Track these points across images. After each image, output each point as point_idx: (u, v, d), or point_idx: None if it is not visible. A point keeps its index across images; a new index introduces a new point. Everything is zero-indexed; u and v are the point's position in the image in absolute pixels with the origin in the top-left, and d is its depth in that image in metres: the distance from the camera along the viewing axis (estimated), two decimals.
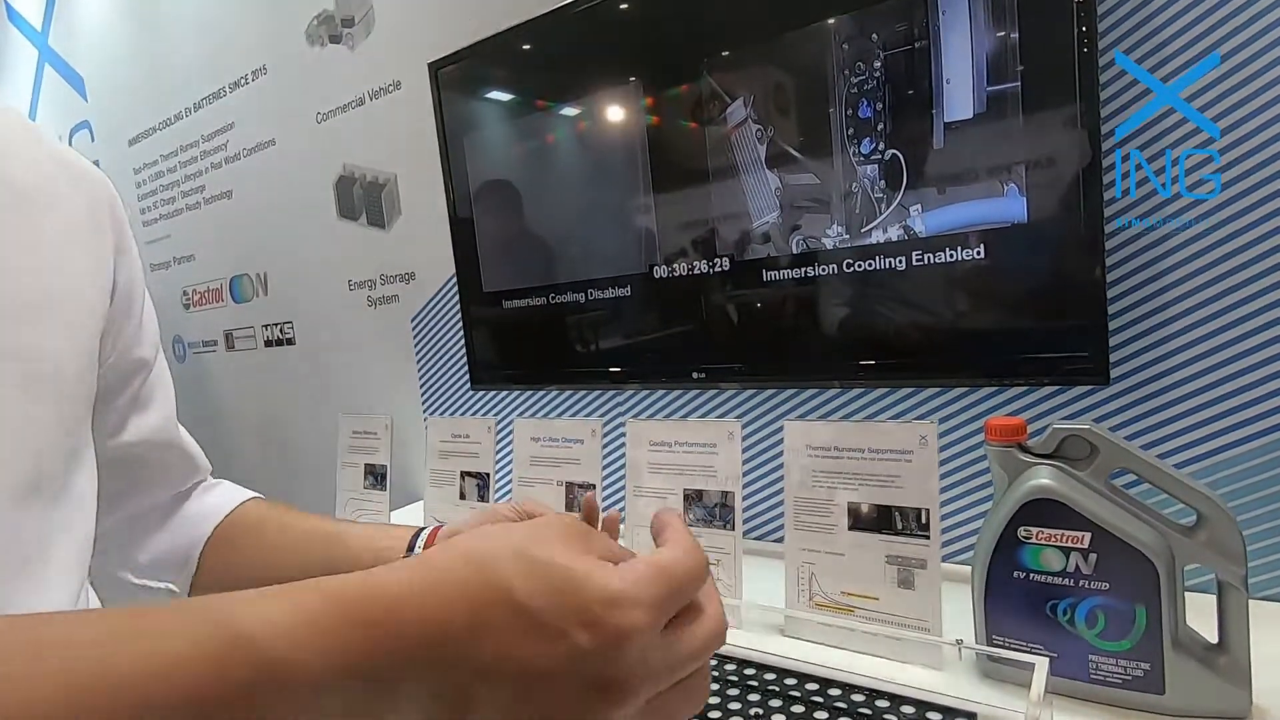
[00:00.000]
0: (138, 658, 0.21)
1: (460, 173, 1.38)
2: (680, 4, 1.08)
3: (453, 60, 1.33)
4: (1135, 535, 0.63)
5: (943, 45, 0.86)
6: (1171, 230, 0.82)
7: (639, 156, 1.15)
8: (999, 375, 0.89)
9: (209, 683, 0.22)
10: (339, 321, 1.84)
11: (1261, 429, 0.79)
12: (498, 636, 0.26)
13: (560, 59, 1.23)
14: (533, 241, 1.32)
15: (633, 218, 1.16)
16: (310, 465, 2.02)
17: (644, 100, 1.13)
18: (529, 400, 1.47)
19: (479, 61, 1.31)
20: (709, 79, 1.05)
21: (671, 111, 1.11)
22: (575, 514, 0.44)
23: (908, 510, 0.77)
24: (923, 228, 0.90)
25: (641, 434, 0.99)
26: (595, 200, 1.22)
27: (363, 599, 0.25)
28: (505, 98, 1.32)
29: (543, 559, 0.28)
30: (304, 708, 0.23)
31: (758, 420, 1.17)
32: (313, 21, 1.72)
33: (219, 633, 0.23)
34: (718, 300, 1.09)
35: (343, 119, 1.72)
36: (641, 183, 1.14)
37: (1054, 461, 0.68)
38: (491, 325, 1.39)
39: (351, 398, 1.84)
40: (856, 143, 0.94)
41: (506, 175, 1.33)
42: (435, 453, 1.25)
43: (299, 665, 0.23)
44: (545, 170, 1.28)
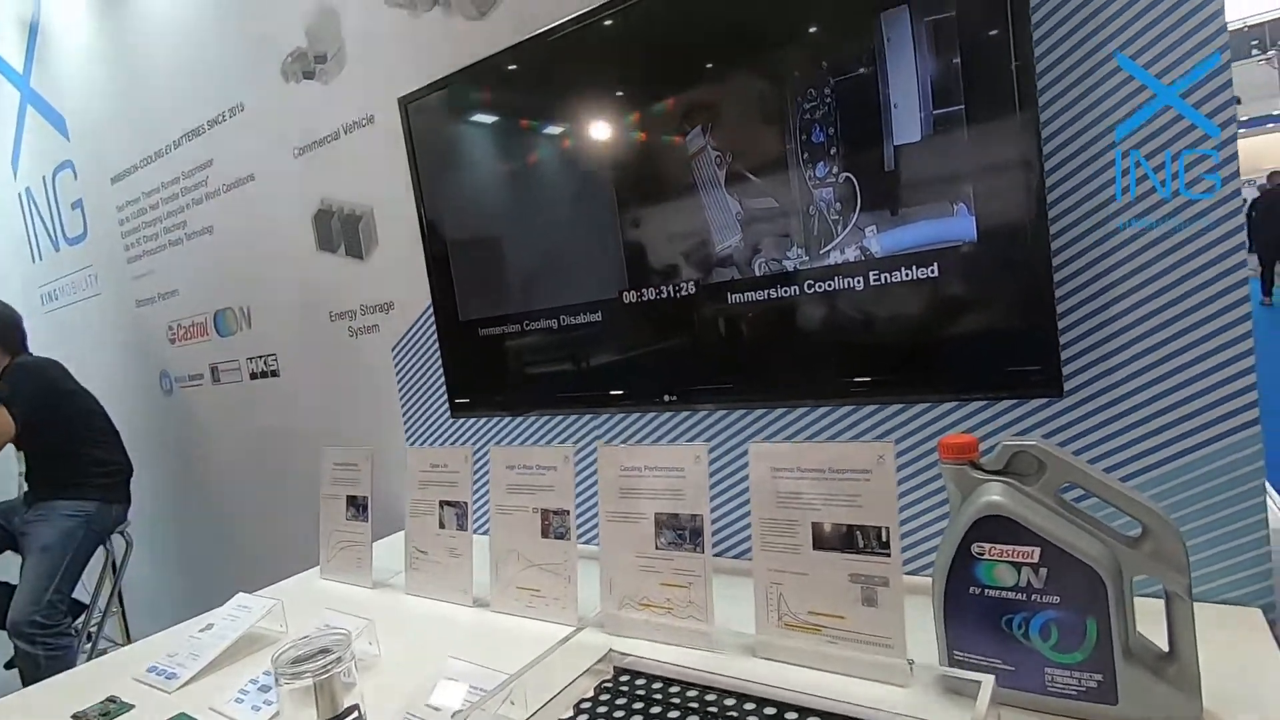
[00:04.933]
0: None
1: (433, 204, 1.40)
2: (638, 37, 1.10)
3: (421, 95, 1.36)
4: (1083, 549, 0.64)
5: (889, 71, 0.89)
6: (1120, 243, 0.84)
7: (606, 185, 1.17)
8: (956, 391, 0.91)
9: None
10: (321, 352, 1.86)
11: (1208, 437, 0.81)
12: None
13: (526, 92, 1.26)
14: (506, 270, 1.33)
15: (602, 245, 1.18)
16: (298, 496, 2.02)
17: (609, 130, 1.15)
18: (510, 426, 1.48)
19: (447, 95, 1.34)
20: (669, 108, 1.08)
21: (635, 140, 1.13)
22: None
23: (869, 529, 0.78)
24: (878, 248, 0.92)
25: (612, 459, 1.00)
26: (566, 228, 1.24)
27: None
28: (474, 130, 1.34)
29: None
30: None
31: (732, 439, 1.18)
32: (287, 58, 1.75)
33: None
34: (686, 323, 1.11)
35: (319, 153, 1.74)
36: (609, 210, 1.16)
37: (1004, 478, 0.69)
38: (468, 353, 1.40)
39: (336, 427, 1.85)
40: (811, 166, 0.96)
41: (478, 205, 1.35)
42: (415, 482, 1.26)
43: None
44: (516, 199, 1.30)
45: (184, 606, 1.69)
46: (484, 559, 1.13)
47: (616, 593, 0.98)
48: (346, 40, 1.62)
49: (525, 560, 1.09)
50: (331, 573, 1.40)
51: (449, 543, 1.20)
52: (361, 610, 1.05)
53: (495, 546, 1.13)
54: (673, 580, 0.93)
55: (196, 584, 2.51)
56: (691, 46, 1.05)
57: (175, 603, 2.59)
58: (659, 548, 0.95)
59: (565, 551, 1.05)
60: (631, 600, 0.97)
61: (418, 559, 1.25)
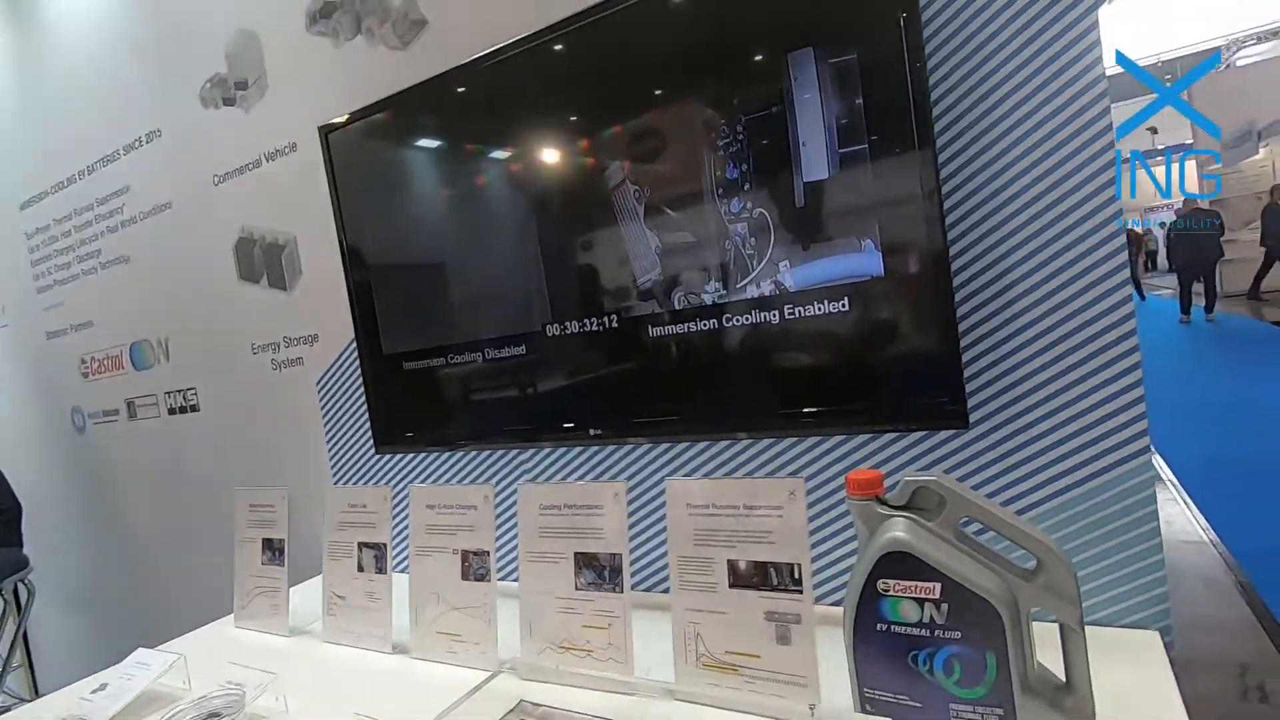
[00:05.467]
0: None
1: (355, 234, 1.36)
2: (558, 72, 1.10)
3: (342, 124, 1.33)
4: (981, 584, 0.65)
5: (797, 110, 0.90)
6: (1019, 277, 0.87)
7: (528, 217, 1.16)
8: (868, 424, 0.92)
9: None
10: (244, 386, 1.78)
11: (1103, 465, 0.83)
12: None
13: (448, 124, 1.24)
14: (429, 302, 1.31)
15: (525, 277, 1.17)
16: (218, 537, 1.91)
17: (530, 163, 1.14)
18: (441, 462, 1.44)
19: (368, 125, 1.31)
20: (588, 142, 1.08)
21: (556, 173, 1.13)
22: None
23: (782, 566, 0.78)
24: (792, 283, 0.93)
25: (532, 498, 0.98)
26: (489, 260, 1.22)
27: None
28: (396, 161, 1.32)
29: None
30: None
31: (659, 473, 1.17)
32: (206, 84, 1.70)
33: None
34: (609, 357, 1.10)
35: (240, 181, 1.68)
36: (531, 243, 1.15)
37: (907, 513, 0.70)
38: (392, 387, 1.36)
39: (259, 464, 1.78)
40: (726, 202, 0.97)
41: (400, 237, 1.32)
42: (333, 524, 1.21)
43: None
44: (438, 231, 1.28)
45: (99, 657, 1.58)
46: (405, 602, 1.09)
47: (536, 635, 0.95)
48: (268, 67, 1.58)
49: (445, 603, 1.05)
50: (246, 620, 1.33)
51: (368, 586, 1.16)
52: (275, 661, 0.99)
53: (415, 589, 1.09)
54: (593, 621, 0.91)
55: (110, 632, 2.36)
56: (609, 82, 1.06)
57: (89, 653, 2.42)
58: (579, 588, 0.93)
59: (485, 594, 1.01)
60: (552, 643, 0.94)
61: (335, 604, 1.19)
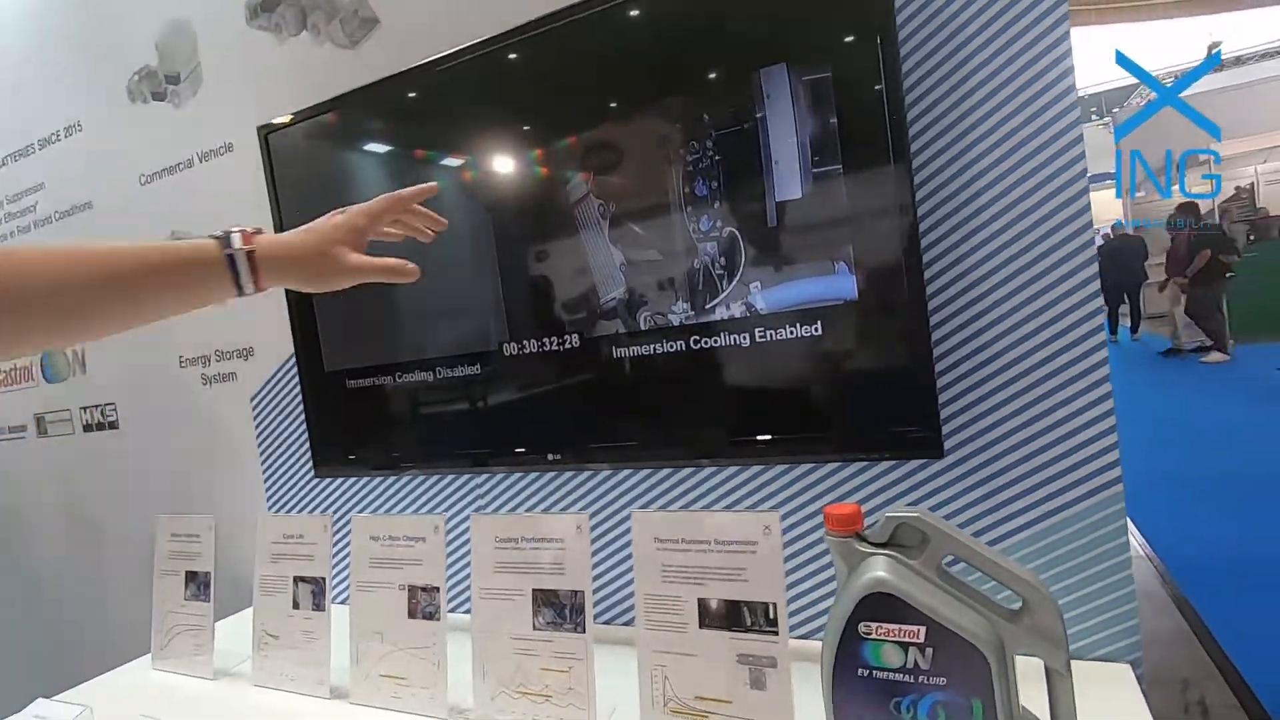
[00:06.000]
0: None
1: None
2: (518, 78, 1.05)
3: (284, 124, 1.24)
4: (967, 627, 0.62)
5: (769, 127, 0.88)
6: (993, 303, 0.86)
7: (485, 229, 1.10)
8: (841, 451, 0.89)
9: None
10: (170, 402, 1.65)
11: (1075, 495, 0.83)
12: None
13: (400, 128, 1.17)
14: (377, 316, 1.23)
15: (481, 292, 1.11)
16: (132, 568, 1.76)
17: (488, 172, 1.09)
18: (385, 488, 1.35)
19: (313, 126, 1.23)
20: (550, 152, 1.03)
21: (515, 184, 1.07)
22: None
23: (756, 605, 0.74)
24: (763, 305, 0.90)
25: (487, 530, 0.91)
26: (442, 275, 1.15)
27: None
28: (342, 165, 1.24)
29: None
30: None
31: (621, 499, 1.12)
32: (134, 76, 1.58)
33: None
34: (570, 379, 1.05)
35: (170, 182, 1.57)
36: (488, 257, 1.09)
37: (889, 551, 0.66)
38: (334, 407, 1.27)
39: (185, 488, 1.64)
40: (695, 219, 0.93)
41: None
42: (266, 555, 1.12)
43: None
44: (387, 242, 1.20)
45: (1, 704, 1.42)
46: (345, 641, 1.00)
47: (490, 679, 0.88)
48: (203, 60, 1.48)
49: (389, 644, 0.98)
50: (165, 661, 1.21)
51: (303, 624, 1.06)
52: (198, 708, 0.90)
53: (356, 628, 1.00)
54: (552, 664, 0.85)
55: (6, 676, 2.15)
56: (574, 92, 1.01)
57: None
58: (537, 628, 0.86)
59: (434, 633, 0.94)
60: (507, 687, 0.87)
61: (267, 643, 1.10)
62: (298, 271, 0.67)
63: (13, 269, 0.53)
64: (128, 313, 0.60)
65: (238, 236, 0.63)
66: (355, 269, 0.70)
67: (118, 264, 0.57)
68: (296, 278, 0.68)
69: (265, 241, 0.64)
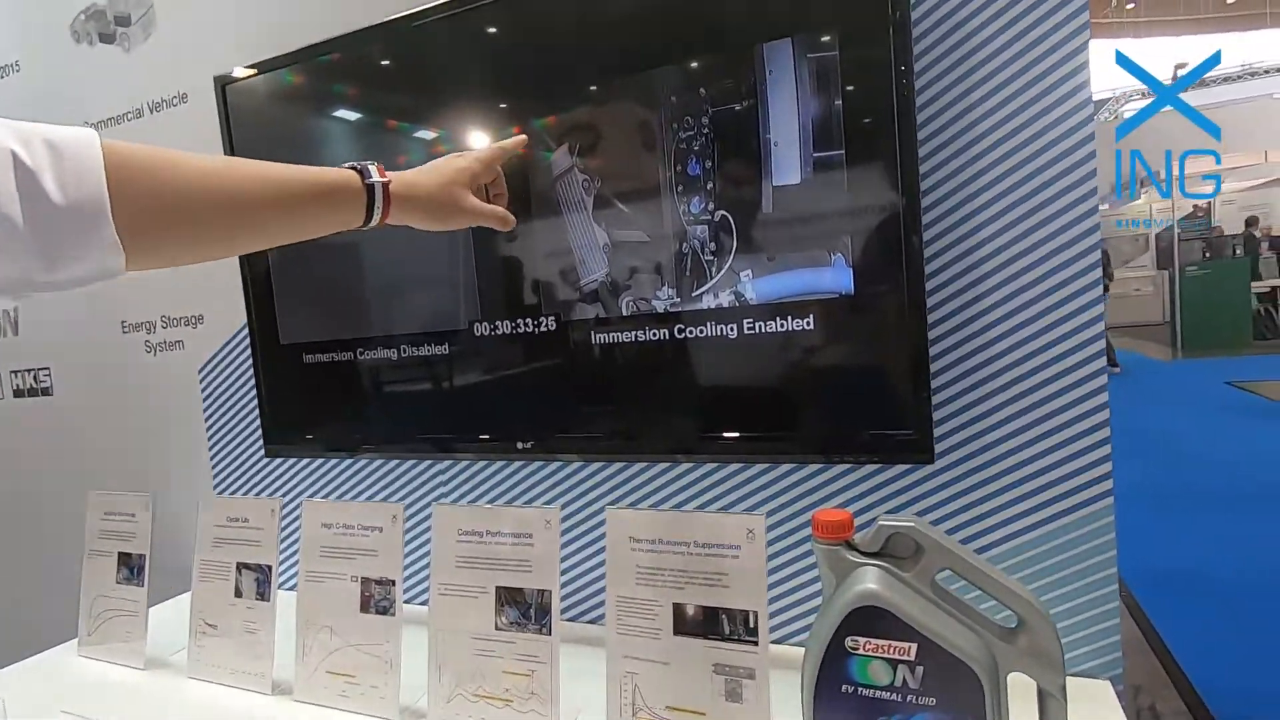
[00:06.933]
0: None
1: None
2: (503, 38, 0.98)
3: (244, 76, 1.15)
4: (960, 646, 0.58)
5: (770, 106, 0.82)
6: (991, 304, 0.82)
7: None
8: (829, 452, 0.86)
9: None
10: (110, 370, 1.54)
11: (1066, 507, 0.80)
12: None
13: (372, 86, 1.09)
14: (339, 288, 1.15)
15: (452, 267, 1.04)
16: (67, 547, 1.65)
17: (465, 137, 1.01)
18: (340, 471, 1.27)
19: (277, 80, 1.14)
20: (533, 120, 0.96)
21: None
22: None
23: (735, 613, 0.70)
24: (753, 295, 0.86)
25: (449, 522, 0.86)
26: (410, 247, 1.08)
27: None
28: (308, 124, 1.15)
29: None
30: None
31: (594, 491, 1.07)
32: (79, 15, 1.45)
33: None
34: (544, 363, 0.99)
35: (117, 132, 1.45)
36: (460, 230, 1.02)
37: (880, 562, 0.62)
38: (289, 382, 1.19)
39: (121, 463, 1.54)
40: (686, 201, 0.88)
41: None
42: (207, 540, 1.04)
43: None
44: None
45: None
46: (290, 634, 0.94)
47: (446, 680, 0.83)
48: (157, 2, 1.36)
49: (339, 638, 0.91)
50: (93, 648, 1.13)
51: (246, 615, 0.99)
52: (126, 701, 0.83)
53: (303, 621, 0.94)
54: (514, 667, 0.80)
55: None
56: (563, 56, 0.95)
57: None
58: (499, 627, 0.81)
59: (388, 629, 0.88)
60: (465, 689, 0.82)
61: (205, 633, 1.02)
62: (422, 208, 0.69)
63: (196, 178, 0.52)
64: (281, 232, 0.60)
65: (374, 168, 0.64)
66: (473, 211, 0.73)
67: (285, 182, 0.57)
68: (419, 214, 0.69)
69: (397, 177, 0.66)
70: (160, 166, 0.50)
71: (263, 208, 0.56)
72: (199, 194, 0.52)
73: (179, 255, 0.55)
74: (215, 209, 0.53)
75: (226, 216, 0.54)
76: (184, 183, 0.51)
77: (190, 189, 0.51)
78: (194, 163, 0.52)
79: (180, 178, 0.51)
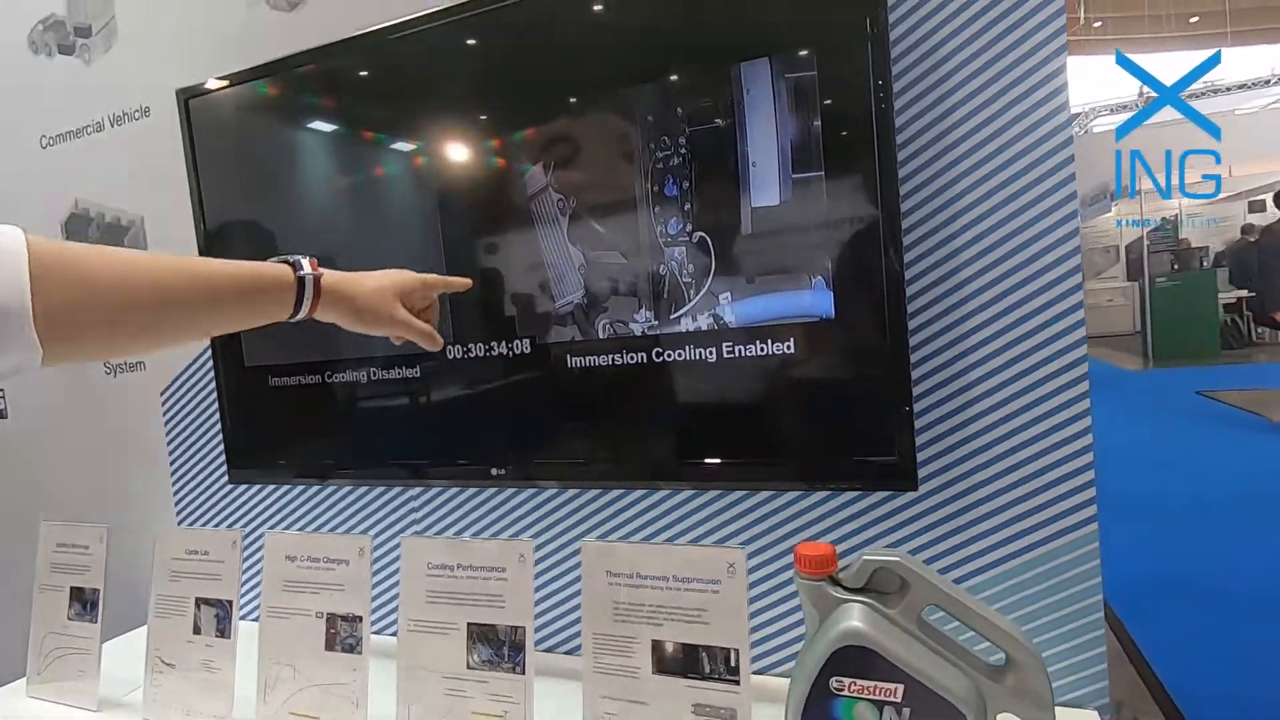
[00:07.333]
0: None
1: (217, 220, 1.15)
2: (474, 55, 0.96)
3: (209, 89, 1.11)
4: (948, 686, 0.56)
5: (748, 125, 0.81)
6: (973, 328, 0.81)
7: (430, 218, 1.00)
8: (811, 479, 0.84)
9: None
10: (66, 392, 1.48)
11: (1050, 534, 0.79)
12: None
13: (340, 102, 1.06)
14: None
15: None
16: (11, 582, 1.58)
17: (436, 156, 0.99)
18: (307, 498, 1.23)
19: (242, 94, 1.10)
20: (507, 138, 0.94)
21: (465, 171, 0.98)
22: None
23: (716, 650, 0.67)
24: (732, 318, 0.84)
25: (419, 554, 0.82)
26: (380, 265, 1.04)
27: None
28: (274, 139, 1.12)
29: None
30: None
31: (569, 519, 1.04)
32: (37, 26, 1.41)
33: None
34: (518, 387, 0.96)
35: (75, 146, 1.40)
36: (432, 250, 0.99)
37: (865, 598, 0.60)
38: (254, 406, 1.15)
39: (79, 490, 1.48)
40: (663, 221, 0.86)
41: (275, 227, 1.12)
42: (164, 574, 0.99)
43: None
44: (322, 225, 1.09)
45: None
46: (251, 672, 0.89)
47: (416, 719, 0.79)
48: (118, 13, 1.32)
49: (303, 677, 0.87)
50: (42, 688, 1.07)
51: (204, 653, 0.94)
52: None
53: (265, 659, 0.89)
54: (486, 707, 0.76)
55: None
56: (537, 73, 0.93)
57: None
58: (471, 666, 0.78)
59: (354, 668, 0.84)
60: None
61: (161, 673, 0.97)
62: (350, 309, 0.70)
63: (120, 281, 0.51)
64: (211, 326, 0.63)
65: (306, 261, 0.65)
66: (404, 323, 0.74)
67: (212, 278, 0.58)
68: (347, 313, 0.71)
69: (330, 274, 0.68)
70: (85, 267, 0.49)
71: (189, 306, 0.56)
72: (121, 296, 0.51)
73: (99, 353, 0.57)
74: (138, 310, 0.53)
75: (150, 317, 0.54)
76: (106, 287, 0.50)
77: (113, 291, 0.51)
78: (119, 264, 0.52)
79: (104, 280, 0.50)
